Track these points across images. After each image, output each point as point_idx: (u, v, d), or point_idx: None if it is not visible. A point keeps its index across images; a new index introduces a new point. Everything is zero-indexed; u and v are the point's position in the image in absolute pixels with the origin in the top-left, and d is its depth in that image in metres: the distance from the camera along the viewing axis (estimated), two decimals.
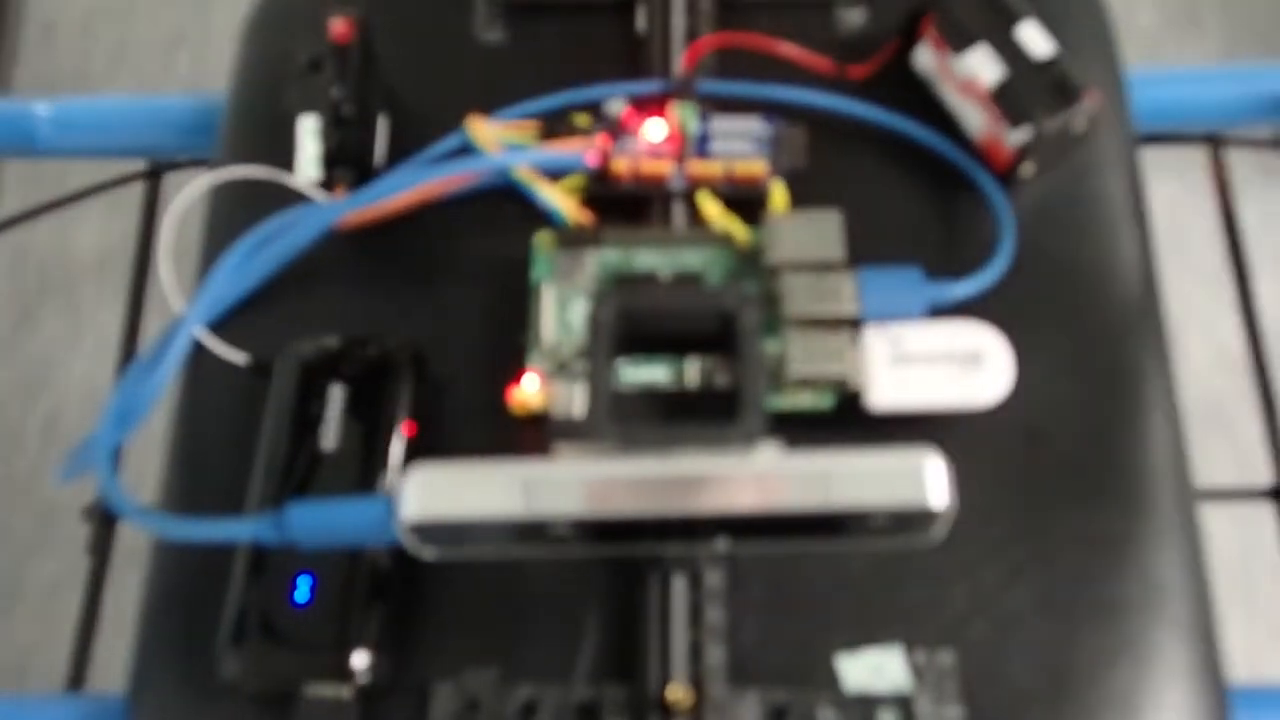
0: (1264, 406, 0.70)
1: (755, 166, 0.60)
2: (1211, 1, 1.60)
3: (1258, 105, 0.74)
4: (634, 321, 0.50)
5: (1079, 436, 0.56)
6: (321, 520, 0.47)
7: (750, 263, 0.58)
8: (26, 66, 1.63)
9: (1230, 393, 1.28)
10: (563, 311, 0.58)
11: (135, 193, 0.81)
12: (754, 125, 0.61)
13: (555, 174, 0.60)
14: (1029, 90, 0.58)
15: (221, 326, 0.60)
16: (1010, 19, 0.60)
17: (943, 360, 0.54)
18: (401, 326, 0.60)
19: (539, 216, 0.59)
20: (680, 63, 0.63)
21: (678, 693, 0.51)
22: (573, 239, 0.59)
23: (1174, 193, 1.38)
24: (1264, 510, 0.68)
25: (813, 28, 0.66)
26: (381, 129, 0.64)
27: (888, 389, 0.54)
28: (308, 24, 0.64)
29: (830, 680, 0.52)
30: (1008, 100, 0.58)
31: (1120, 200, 0.61)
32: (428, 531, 0.43)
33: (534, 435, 0.57)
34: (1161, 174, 1.35)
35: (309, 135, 0.59)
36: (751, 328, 0.49)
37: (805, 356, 0.54)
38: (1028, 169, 0.60)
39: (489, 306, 0.60)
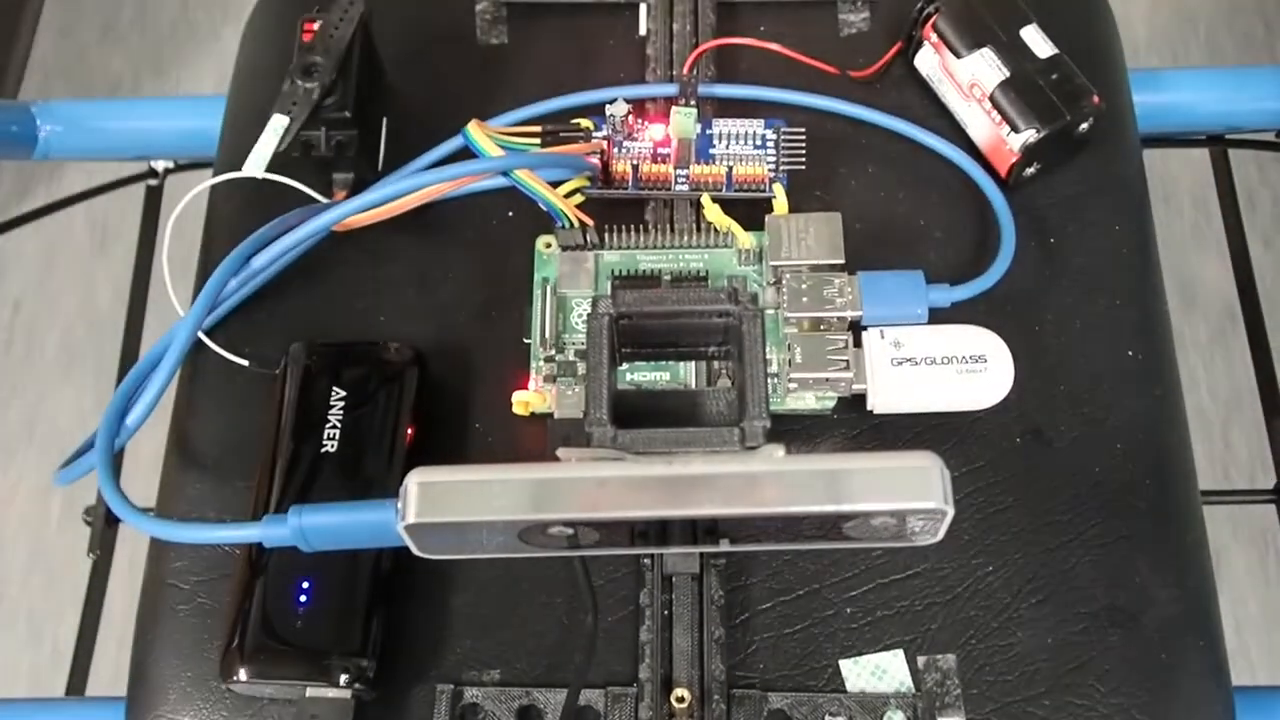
0: (1267, 407, 0.70)
1: (757, 169, 0.60)
2: None
3: (1263, 108, 0.74)
4: (636, 324, 0.50)
5: (1080, 439, 0.56)
6: (326, 524, 0.47)
7: (752, 265, 0.58)
8: None
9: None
10: (564, 313, 0.58)
11: (137, 194, 0.81)
12: (756, 127, 0.61)
13: (557, 177, 0.60)
14: (1032, 93, 0.58)
15: (223, 328, 0.60)
16: (1013, 22, 0.60)
17: (943, 363, 0.54)
18: (403, 328, 0.60)
19: (541, 219, 0.59)
20: (683, 65, 0.63)
21: (680, 696, 0.50)
22: (574, 241, 0.59)
23: (1178, 192, 1.38)
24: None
25: (815, 30, 0.66)
26: (383, 130, 0.64)
27: (889, 391, 0.54)
28: None
29: (833, 683, 0.52)
30: (1010, 103, 0.58)
31: (1123, 202, 0.61)
32: (429, 534, 0.43)
33: (536, 436, 0.57)
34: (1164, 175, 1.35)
35: (270, 133, 0.58)
36: (753, 330, 0.49)
37: (807, 359, 0.54)
38: (1030, 171, 0.60)
39: (490, 308, 0.60)
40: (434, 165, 0.61)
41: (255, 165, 0.58)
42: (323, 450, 0.54)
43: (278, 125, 0.58)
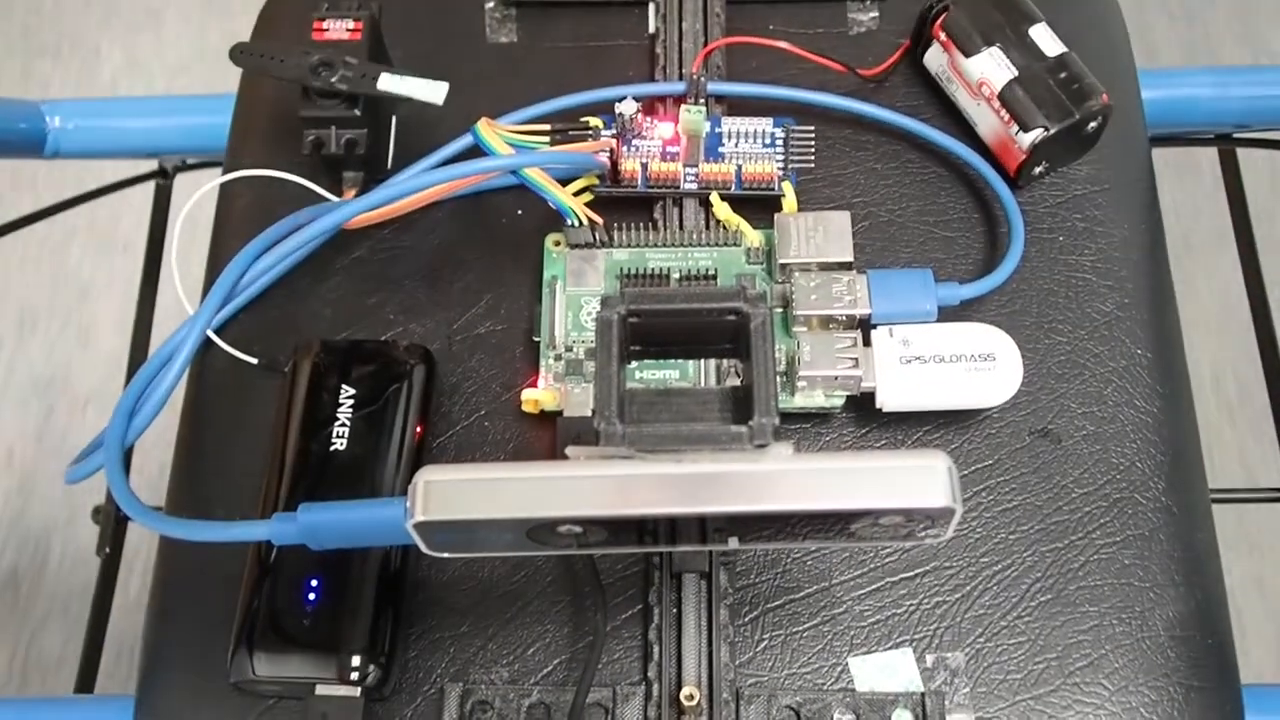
0: (1275, 405, 0.70)
1: (766, 167, 0.60)
2: None
3: (1273, 106, 0.74)
4: (645, 322, 0.50)
5: (1089, 437, 0.56)
6: (335, 522, 0.47)
7: (761, 263, 0.58)
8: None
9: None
10: (573, 311, 0.58)
11: (146, 192, 0.82)
12: (765, 126, 0.61)
13: (567, 175, 0.60)
14: (1040, 91, 0.58)
15: (232, 326, 0.60)
16: (1022, 20, 0.60)
17: (952, 361, 0.54)
18: (412, 326, 0.60)
19: (550, 217, 0.59)
20: (692, 63, 0.63)
21: (690, 693, 0.50)
22: (584, 239, 0.59)
23: (1186, 192, 1.38)
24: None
25: (824, 28, 0.66)
26: (392, 129, 0.64)
27: (898, 389, 0.54)
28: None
29: (841, 681, 0.52)
30: (1019, 101, 0.58)
31: (1132, 200, 0.61)
32: (438, 532, 0.43)
33: (545, 435, 0.57)
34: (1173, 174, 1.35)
35: (418, 82, 0.58)
36: (762, 328, 0.49)
37: (816, 357, 0.54)
38: (1039, 170, 0.60)
39: (499, 306, 0.60)
40: (443, 163, 0.61)
41: (438, 91, 0.58)
42: (332, 448, 0.54)
43: (397, 80, 0.59)
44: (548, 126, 0.60)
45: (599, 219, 0.58)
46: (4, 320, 1.47)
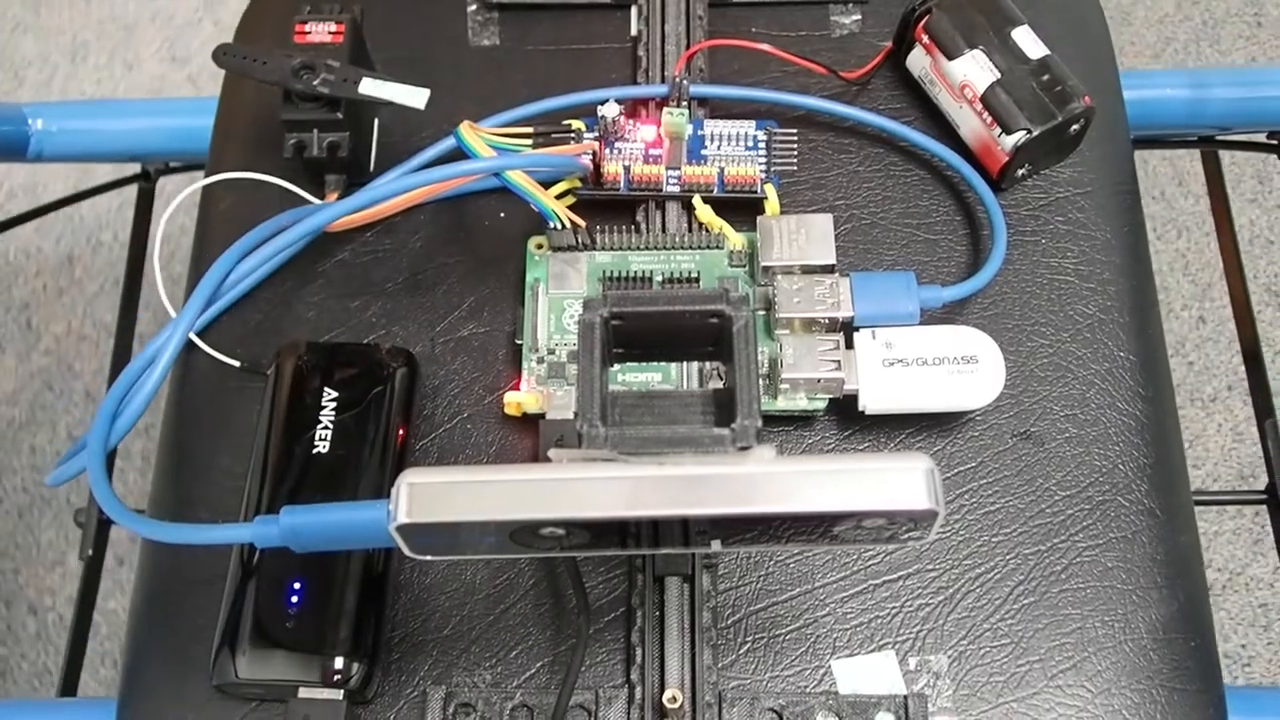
0: (1259, 409, 0.70)
1: (749, 170, 0.60)
2: None
3: (1254, 109, 0.75)
4: (627, 325, 0.50)
5: (1071, 439, 0.56)
6: (317, 525, 0.47)
7: (744, 266, 0.58)
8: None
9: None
10: (556, 314, 0.58)
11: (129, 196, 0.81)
12: (748, 128, 0.61)
13: (549, 178, 0.60)
14: (1023, 94, 0.58)
15: (214, 329, 0.60)
16: (1005, 23, 0.60)
17: (935, 364, 0.54)
18: (395, 329, 0.60)
19: (533, 220, 0.59)
20: (674, 66, 0.63)
21: (673, 696, 0.50)
22: (566, 242, 0.59)
23: (1170, 194, 1.38)
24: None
25: (807, 31, 0.66)
26: (375, 132, 0.64)
27: (880, 392, 0.54)
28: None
29: (825, 684, 0.52)
30: (1001, 104, 0.58)
31: (1114, 203, 0.61)
32: (421, 535, 0.43)
33: (528, 437, 0.57)
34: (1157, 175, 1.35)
35: (395, 87, 0.58)
36: (745, 330, 0.49)
37: (799, 359, 0.54)
38: (1021, 172, 0.60)
39: (482, 309, 0.60)
40: (426, 166, 0.61)
41: (419, 97, 0.58)
42: (314, 451, 0.54)
43: (378, 85, 0.58)
44: (530, 129, 0.59)
45: (581, 222, 0.58)
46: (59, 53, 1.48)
